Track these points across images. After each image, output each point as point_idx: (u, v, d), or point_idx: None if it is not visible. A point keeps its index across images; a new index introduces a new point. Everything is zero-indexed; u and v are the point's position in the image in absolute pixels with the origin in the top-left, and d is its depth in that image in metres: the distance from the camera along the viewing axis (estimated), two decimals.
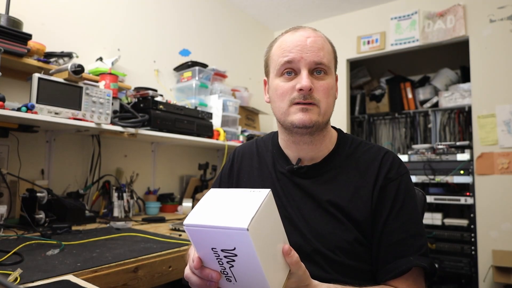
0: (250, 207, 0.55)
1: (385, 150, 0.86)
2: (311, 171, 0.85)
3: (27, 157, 1.68)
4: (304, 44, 0.80)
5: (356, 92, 3.95)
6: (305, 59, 0.79)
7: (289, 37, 0.83)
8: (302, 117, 0.79)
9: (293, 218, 0.83)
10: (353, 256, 0.77)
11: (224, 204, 0.59)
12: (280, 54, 0.83)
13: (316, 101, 0.79)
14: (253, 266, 0.55)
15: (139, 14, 2.32)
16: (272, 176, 0.90)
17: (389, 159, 0.83)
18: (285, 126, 0.83)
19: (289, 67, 0.81)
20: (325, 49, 0.83)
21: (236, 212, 0.55)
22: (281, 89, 0.82)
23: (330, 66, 0.83)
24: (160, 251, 1.15)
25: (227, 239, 0.54)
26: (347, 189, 0.81)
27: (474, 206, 2.61)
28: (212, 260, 0.58)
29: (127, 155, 2.17)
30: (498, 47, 2.57)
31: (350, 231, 0.78)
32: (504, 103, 2.52)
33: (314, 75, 0.81)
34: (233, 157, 1.01)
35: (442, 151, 2.81)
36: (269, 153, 0.94)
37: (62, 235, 1.34)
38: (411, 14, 2.94)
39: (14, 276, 0.82)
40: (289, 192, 0.86)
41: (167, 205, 2.20)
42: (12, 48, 1.45)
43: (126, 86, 2.02)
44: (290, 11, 3.28)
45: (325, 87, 0.81)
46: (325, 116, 0.82)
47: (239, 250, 0.54)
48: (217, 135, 2.35)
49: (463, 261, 2.64)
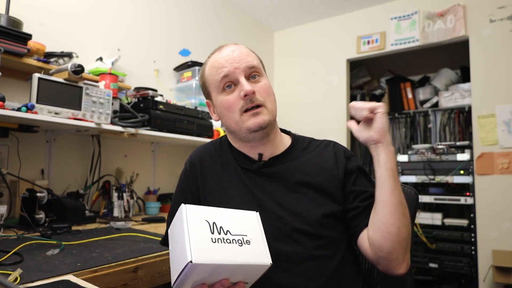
0: (182, 237, 0.61)
1: (333, 141, 0.97)
2: (274, 161, 0.91)
3: (27, 157, 1.68)
4: (233, 56, 0.87)
5: (356, 92, 3.94)
6: (239, 67, 0.86)
7: (217, 56, 0.91)
8: (255, 120, 0.84)
9: (265, 204, 0.86)
10: (330, 227, 0.84)
11: (175, 245, 0.65)
12: (215, 72, 0.89)
13: (262, 101, 0.86)
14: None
15: (139, 14, 2.32)
16: (237, 170, 0.92)
17: (339, 146, 0.95)
18: (241, 135, 0.88)
19: (228, 81, 0.87)
20: (252, 55, 0.91)
21: (180, 250, 0.61)
22: (227, 102, 0.87)
23: (261, 68, 0.91)
24: (160, 251, 1.15)
25: (198, 273, 0.59)
26: (312, 168, 0.90)
27: (474, 206, 2.61)
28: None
29: (127, 155, 2.17)
30: (498, 47, 2.57)
31: (324, 205, 0.85)
32: (504, 103, 2.52)
33: (250, 80, 0.87)
34: (189, 163, 0.99)
35: (442, 151, 2.81)
36: (228, 151, 0.97)
37: (62, 235, 1.34)
38: (411, 14, 2.94)
39: (14, 276, 0.82)
40: (258, 183, 0.89)
41: (167, 205, 2.19)
42: (12, 48, 1.45)
43: (126, 86, 2.02)
44: (290, 11, 3.28)
45: (264, 88, 0.88)
46: (273, 114, 0.89)
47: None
48: (217, 135, 2.35)
49: (463, 261, 2.64)
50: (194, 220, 0.61)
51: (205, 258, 0.56)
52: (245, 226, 0.65)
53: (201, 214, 0.63)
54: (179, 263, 0.59)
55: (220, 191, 0.91)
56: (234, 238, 0.61)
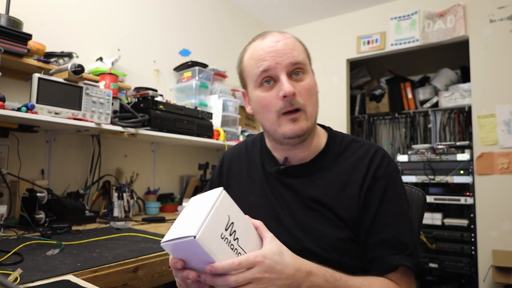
0: (203, 213, 0.60)
1: (376, 147, 0.84)
2: (298, 171, 0.85)
3: (27, 157, 1.68)
4: (276, 49, 0.78)
5: (356, 92, 3.95)
6: (281, 63, 0.77)
7: (259, 45, 0.81)
8: (293, 127, 0.78)
9: (281, 217, 0.82)
10: (343, 253, 0.77)
11: (189, 214, 0.64)
12: (254, 64, 0.80)
13: (301, 105, 0.78)
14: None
15: (139, 14, 2.32)
16: (260, 176, 0.90)
17: (378, 158, 0.81)
18: (276, 137, 0.83)
19: (267, 76, 0.79)
20: (298, 48, 0.81)
21: (191, 221, 0.60)
22: (264, 100, 0.80)
23: (307, 64, 0.82)
24: (160, 251, 1.15)
25: (188, 248, 0.59)
26: (334, 188, 0.80)
27: (474, 206, 2.61)
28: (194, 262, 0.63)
29: (127, 155, 2.17)
30: (498, 47, 2.57)
31: (339, 228, 0.77)
32: (504, 103, 2.52)
33: (292, 77, 0.79)
34: (222, 161, 1.01)
35: (442, 151, 2.81)
36: (257, 153, 0.94)
37: (62, 235, 1.34)
38: (411, 14, 2.94)
39: (14, 276, 0.82)
40: (278, 192, 0.85)
41: (167, 205, 2.20)
42: (12, 48, 1.45)
43: (126, 86, 2.02)
44: (290, 11, 3.28)
45: (307, 88, 0.79)
46: (312, 118, 0.81)
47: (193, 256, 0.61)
48: (217, 135, 2.35)
49: (463, 261, 2.64)
50: (221, 208, 0.61)
51: (206, 244, 0.57)
52: (251, 246, 0.64)
53: (229, 207, 0.63)
54: (182, 229, 0.59)
55: (240, 196, 0.88)
56: (237, 248, 0.61)
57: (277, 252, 0.62)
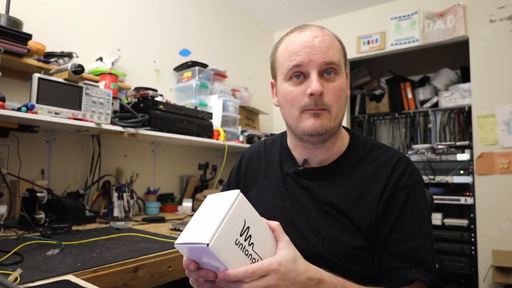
0: (217, 217, 0.59)
1: (400, 155, 0.81)
2: (317, 174, 0.83)
3: (27, 157, 1.68)
4: (312, 45, 0.76)
5: (356, 92, 3.95)
6: (314, 61, 0.75)
7: (296, 37, 0.79)
8: (314, 122, 0.76)
9: (295, 220, 0.81)
10: (356, 261, 0.75)
11: (205, 215, 0.63)
12: (287, 57, 0.78)
13: (327, 106, 0.76)
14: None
15: (139, 14, 2.32)
16: (278, 176, 0.88)
17: (401, 166, 0.79)
18: (297, 133, 0.81)
19: (298, 71, 0.77)
20: (334, 48, 0.78)
21: (205, 225, 0.59)
22: (291, 94, 0.78)
23: (341, 65, 0.79)
24: (160, 251, 1.15)
25: (202, 253, 0.59)
26: (352, 194, 0.78)
27: (474, 206, 2.61)
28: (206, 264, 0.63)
29: (127, 155, 2.17)
30: (498, 47, 2.57)
31: (354, 236, 0.75)
32: (504, 103, 2.52)
33: (324, 76, 0.77)
34: (241, 159, 1.00)
35: (442, 151, 2.81)
36: (277, 152, 0.93)
37: (62, 235, 1.34)
38: (411, 14, 2.94)
39: (14, 276, 0.82)
40: (294, 193, 0.84)
41: (167, 205, 2.20)
42: (12, 48, 1.45)
43: (126, 86, 2.02)
44: (290, 11, 3.28)
45: (336, 90, 0.77)
46: (337, 120, 0.78)
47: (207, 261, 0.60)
48: (217, 135, 2.35)
49: (463, 261, 2.64)
50: (236, 212, 0.60)
51: (220, 251, 0.56)
52: (266, 250, 0.63)
53: (245, 211, 0.62)
54: (196, 234, 0.59)
55: (256, 196, 0.88)
56: (251, 254, 0.60)
57: (291, 259, 0.61)
